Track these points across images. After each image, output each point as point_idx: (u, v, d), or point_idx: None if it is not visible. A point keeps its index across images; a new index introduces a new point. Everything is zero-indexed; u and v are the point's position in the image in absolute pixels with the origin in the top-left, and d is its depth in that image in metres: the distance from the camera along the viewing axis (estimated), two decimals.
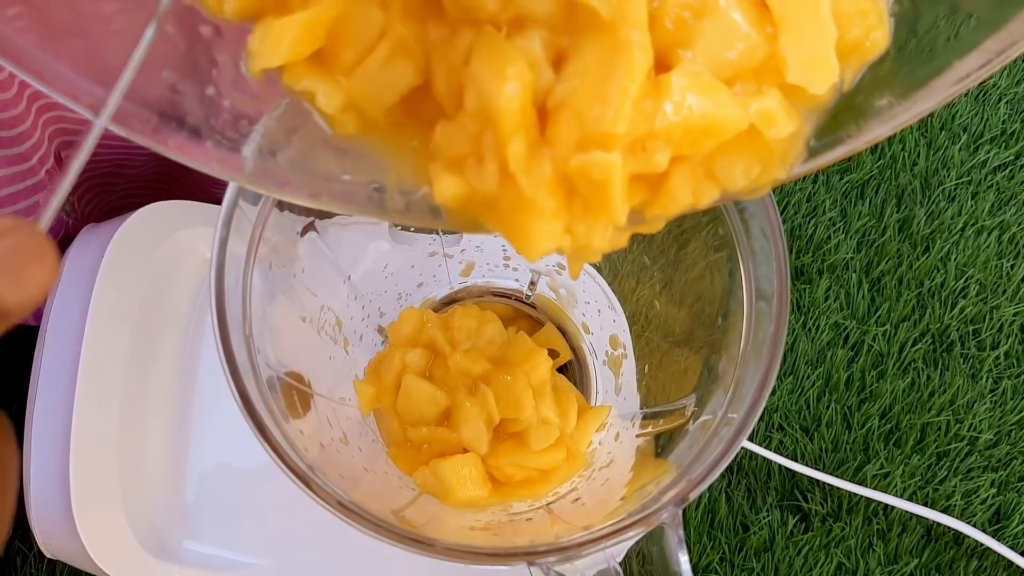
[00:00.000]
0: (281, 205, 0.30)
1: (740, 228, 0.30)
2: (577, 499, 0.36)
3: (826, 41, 0.20)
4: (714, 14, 0.20)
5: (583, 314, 0.46)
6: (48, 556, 0.45)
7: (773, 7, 0.20)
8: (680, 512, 0.25)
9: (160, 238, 0.46)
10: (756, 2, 0.20)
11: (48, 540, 0.43)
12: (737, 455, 0.55)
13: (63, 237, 0.49)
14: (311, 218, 0.34)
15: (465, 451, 0.38)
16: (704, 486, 0.25)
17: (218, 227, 0.27)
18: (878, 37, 0.22)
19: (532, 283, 0.48)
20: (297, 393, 0.33)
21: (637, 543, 0.28)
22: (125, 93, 0.23)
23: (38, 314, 0.54)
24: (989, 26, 0.20)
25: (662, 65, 0.21)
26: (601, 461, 0.38)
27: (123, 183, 0.56)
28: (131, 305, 0.45)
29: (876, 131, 0.22)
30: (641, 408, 0.40)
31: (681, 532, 0.24)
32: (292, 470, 0.25)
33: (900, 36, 0.22)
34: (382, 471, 0.38)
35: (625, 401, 0.41)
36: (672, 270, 0.37)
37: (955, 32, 0.21)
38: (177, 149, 0.24)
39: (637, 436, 0.38)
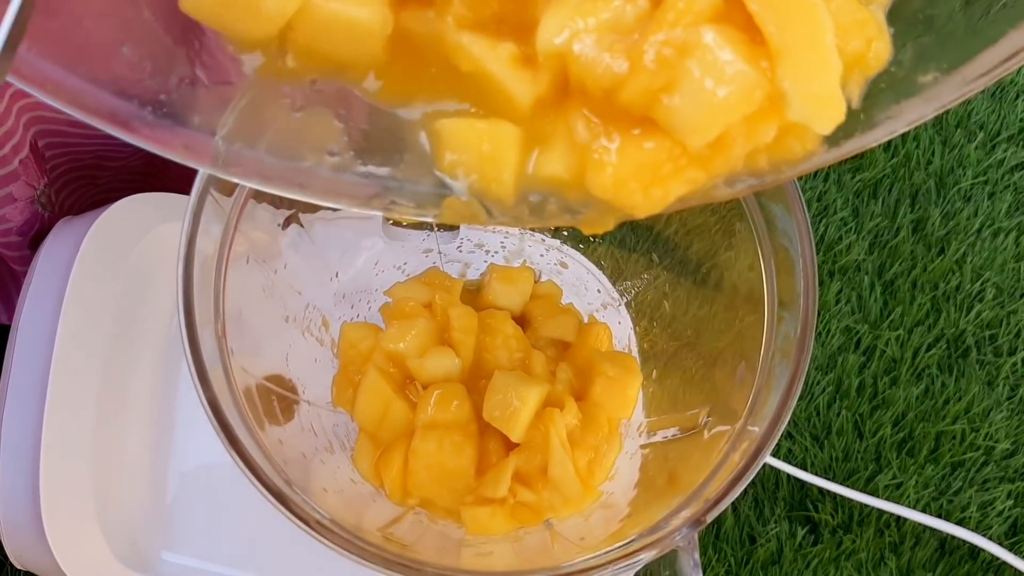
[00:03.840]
0: (259, 196, 0.27)
1: (762, 225, 0.28)
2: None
3: (831, 73, 0.18)
4: (698, 51, 0.18)
5: (585, 315, 0.44)
6: (19, 568, 0.43)
7: (769, 37, 0.18)
8: (695, 535, 0.22)
9: (140, 232, 0.44)
10: (748, 36, 0.18)
11: (17, 551, 0.41)
12: None
13: (38, 231, 0.47)
14: (293, 210, 0.32)
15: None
16: (722, 507, 0.23)
17: (186, 219, 0.24)
18: (880, 48, 0.20)
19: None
20: (278, 399, 0.30)
21: (646, 564, 0.25)
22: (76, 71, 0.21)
23: (9, 311, 0.52)
24: None
25: (644, 119, 0.19)
26: None
27: (106, 176, 0.54)
28: (108, 302, 0.43)
29: (919, 111, 0.20)
30: (646, 416, 0.38)
31: (697, 556, 0.22)
32: (267, 487, 0.23)
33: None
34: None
35: None
36: (682, 268, 0.35)
37: None
38: (138, 132, 0.22)
39: (642, 447, 0.36)
